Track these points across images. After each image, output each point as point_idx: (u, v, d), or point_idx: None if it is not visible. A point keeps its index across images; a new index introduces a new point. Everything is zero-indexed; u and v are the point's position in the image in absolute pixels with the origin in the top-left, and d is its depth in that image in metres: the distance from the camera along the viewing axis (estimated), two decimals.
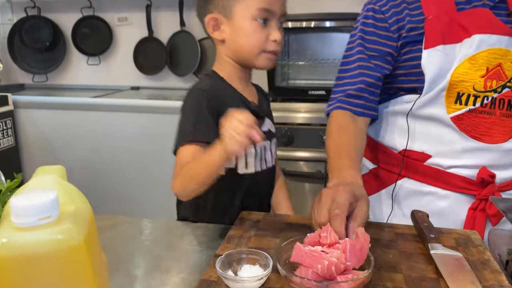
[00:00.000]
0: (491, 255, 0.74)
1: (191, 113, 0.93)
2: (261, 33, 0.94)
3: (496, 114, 0.96)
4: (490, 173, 0.97)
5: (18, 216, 0.40)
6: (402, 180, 1.04)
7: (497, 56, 0.93)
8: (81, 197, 0.48)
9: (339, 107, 1.01)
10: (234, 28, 0.96)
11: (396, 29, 1.00)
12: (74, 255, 0.41)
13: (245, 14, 0.94)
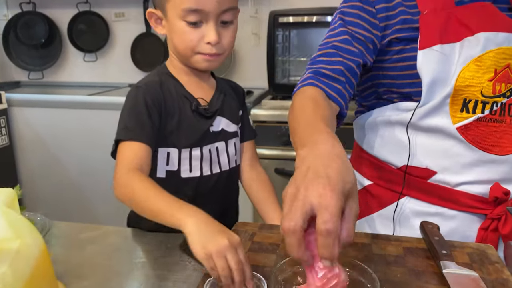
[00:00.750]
0: (510, 274, 0.67)
1: (125, 111, 0.89)
2: (192, 35, 0.87)
3: (507, 121, 0.86)
4: (504, 189, 0.87)
5: None
6: (403, 199, 0.93)
7: (506, 56, 0.83)
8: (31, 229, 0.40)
9: (311, 84, 0.84)
10: (169, 26, 0.90)
11: (383, 18, 0.89)
12: None
13: (175, 13, 0.87)
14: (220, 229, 0.66)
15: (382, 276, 0.66)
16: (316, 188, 0.50)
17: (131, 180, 0.79)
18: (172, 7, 0.87)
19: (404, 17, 0.88)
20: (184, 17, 0.86)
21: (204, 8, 0.84)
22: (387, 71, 0.92)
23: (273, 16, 2.24)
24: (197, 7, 0.84)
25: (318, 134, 0.63)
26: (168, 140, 0.91)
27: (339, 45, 0.88)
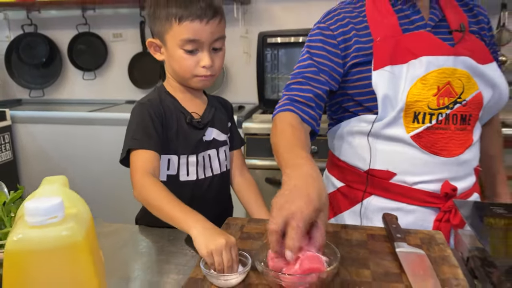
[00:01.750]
0: (451, 252, 0.82)
1: (133, 122, 1.03)
2: (190, 60, 1.02)
3: (451, 129, 1.02)
4: (453, 186, 1.02)
5: (31, 216, 0.48)
6: (369, 198, 1.08)
7: (445, 75, 1.00)
8: (82, 202, 0.56)
9: (288, 109, 1.02)
10: (168, 53, 1.04)
11: (343, 48, 1.05)
12: (77, 249, 0.49)
13: (173, 43, 1.01)
14: (220, 232, 0.81)
15: (347, 255, 0.81)
16: (299, 203, 0.68)
17: (147, 184, 0.94)
18: (171, 38, 1.01)
19: (358, 46, 1.04)
20: (183, 46, 1.00)
21: (200, 38, 1.00)
22: (350, 89, 1.07)
23: (262, 37, 2.41)
24: (194, 38, 0.99)
25: (299, 158, 0.80)
26: (168, 148, 1.06)
27: (308, 76, 1.05)
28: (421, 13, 1.05)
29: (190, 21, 0.98)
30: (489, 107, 1.08)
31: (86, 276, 0.50)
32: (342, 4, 1.12)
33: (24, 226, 0.49)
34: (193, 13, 0.98)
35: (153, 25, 1.06)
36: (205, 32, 1.00)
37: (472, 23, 1.10)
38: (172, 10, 0.99)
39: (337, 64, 1.06)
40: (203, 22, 0.99)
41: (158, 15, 1.02)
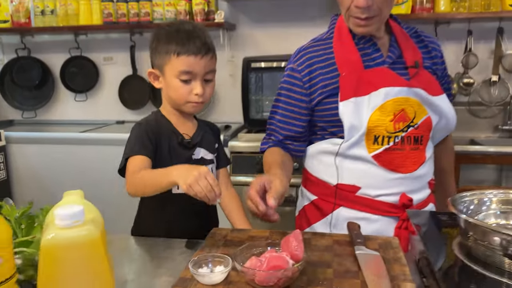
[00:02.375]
0: (403, 254, 0.95)
1: (131, 138, 1.19)
2: (184, 89, 1.18)
3: (406, 149, 1.18)
4: (409, 198, 1.18)
5: (60, 220, 0.62)
6: (339, 209, 1.23)
7: (400, 103, 1.16)
8: (95, 210, 0.69)
9: (273, 146, 1.29)
10: (166, 82, 1.21)
11: (308, 86, 1.22)
12: (94, 245, 0.63)
13: (171, 73, 1.18)
14: (193, 167, 0.98)
15: (314, 258, 0.94)
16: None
17: (137, 175, 1.09)
18: (170, 69, 1.18)
19: (324, 82, 1.21)
20: (179, 76, 1.17)
21: (194, 70, 1.16)
22: (319, 117, 1.24)
23: (247, 61, 2.58)
24: (189, 70, 1.16)
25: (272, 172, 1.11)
26: (162, 164, 1.18)
27: (283, 119, 1.28)
28: (380, 51, 1.22)
29: (187, 56, 1.15)
30: (438, 129, 1.24)
31: (101, 267, 0.65)
32: (312, 41, 1.28)
33: (54, 228, 0.62)
34: (190, 50, 1.15)
35: (154, 58, 1.22)
36: (198, 65, 1.16)
37: (426, 59, 1.26)
38: (172, 46, 1.16)
39: (304, 102, 1.24)
40: (198, 57, 1.16)
41: (159, 50, 1.19)
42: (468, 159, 2.34)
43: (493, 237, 0.73)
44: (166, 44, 1.17)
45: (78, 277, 0.63)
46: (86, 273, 0.63)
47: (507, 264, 0.74)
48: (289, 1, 2.83)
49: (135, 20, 2.83)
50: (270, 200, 0.97)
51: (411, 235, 1.15)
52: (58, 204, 0.68)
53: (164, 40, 1.18)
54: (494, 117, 2.78)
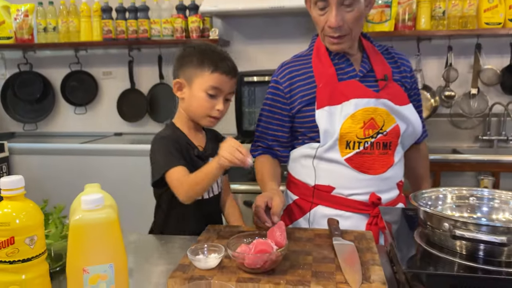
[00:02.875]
0: (374, 245, 1.09)
1: (161, 151, 1.26)
2: (209, 103, 1.27)
3: (375, 153, 1.32)
4: (378, 196, 1.32)
5: (85, 204, 0.76)
6: (316, 207, 1.36)
7: (369, 112, 1.30)
8: (111, 198, 0.83)
9: (262, 153, 1.45)
10: (191, 93, 1.29)
11: (289, 96, 1.37)
12: (112, 225, 0.77)
13: (200, 86, 1.27)
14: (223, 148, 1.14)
15: (296, 247, 1.07)
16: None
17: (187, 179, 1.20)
18: (200, 82, 1.27)
19: (302, 93, 1.35)
20: (207, 90, 1.26)
21: (222, 87, 1.27)
22: (299, 124, 1.38)
23: (240, 76, 2.71)
24: (218, 86, 1.26)
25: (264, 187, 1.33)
26: None
27: (269, 126, 1.43)
28: (353, 66, 1.36)
29: (220, 73, 1.26)
30: (406, 136, 1.38)
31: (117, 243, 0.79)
32: (294, 57, 1.43)
33: (80, 211, 0.77)
34: (223, 69, 1.26)
35: (182, 70, 1.30)
36: (226, 84, 1.28)
37: (395, 73, 1.41)
38: (207, 62, 1.26)
39: (286, 110, 1.39)
40: (228, 77, 1.28)
41: (192, 63, 1.28)
42: (449, 166, 2.49)
43: (443, 223, 0.87)
44: (200, 59, 1.27)
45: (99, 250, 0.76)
46: (105, 247, 0.77)
47: (458, 246, 0.88)
48: (280, 19, 3.00)
49: (134, 36, 2.97)
50: (274, 218, 1.14)
51: (381, 230, 1.28)
52: (81, 194, 0.82)
53: (198, 56, 1.27)
54: (474, 128, 2.94)
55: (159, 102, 3.19)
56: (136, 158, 2.77)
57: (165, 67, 3.16)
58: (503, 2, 2.63)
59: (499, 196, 1.02)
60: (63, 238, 1.06)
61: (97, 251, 0.76)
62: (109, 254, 0.77)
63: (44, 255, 0.79)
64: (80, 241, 0.75)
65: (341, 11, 1.25)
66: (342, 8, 1.25)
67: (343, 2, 1.24)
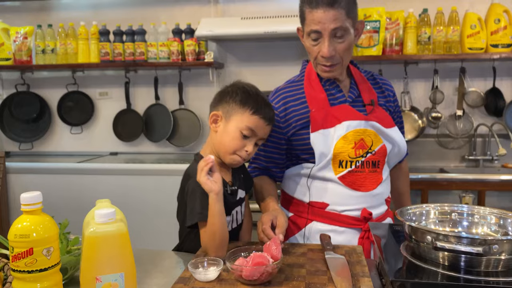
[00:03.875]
0: (364, 258, 1.15)
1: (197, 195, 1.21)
2: (240, 142, 1.26)
3: (366, 171, 1.40)
4: (369, 212, 1.40)
5: (99, 218, 0.81)
6: (311, 223, 1.43)
7: (359, 133, 1.39)
8: (121, 213, 0.89)
9: (259, 174, 1.51)
10: (226, 128, 1.28)
11: (284, 121, 1.44)
12: (123, 237, 0.83)
13: (237, 124, 1.26)
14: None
15: (290, 261, 1.13)
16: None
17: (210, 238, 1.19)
18: (238, 120, 1.26)
19: (297, 117, 1.43)
20: (243, 130, 1.26)
21: (257, 131, 1.28)
22: (294, 146, 1.45)
23: None
24: (254, 129, 1.27)
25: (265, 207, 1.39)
26: None
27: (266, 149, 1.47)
28: (342, 92, 1.46)
29: (259, 118, 1.27)
30: (392, 155, 1.48)
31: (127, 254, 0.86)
32: (287, 83, 1.52)
33: (94, 224, 0.83)
34: (264, 114, 1.28)
35: (223, 103, 1.30)
36: (262, 130, 1.30)
37: (380, 98, 1.50)
38: (251, 103, 1.27)
39: (282, 133, 1.45)
40: (265, 123, 1.29)
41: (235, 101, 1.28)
42: (436, 185, 2.57)
43: (426, 236, 0.94)
44: (245, 98, 1.27)
45: (111, 260, 0.83)
46: (116, 257, 0.83)
47: (440, 257, 0.95)
48: (272, 43, 3.12)
49: (131, 58, 3.06)
50: (280, 236, 1.18)
51: (373, 244, 1.35)
52: (94, 209, 0.89)
53: (243, 95, 1.28)
54: (460, 148, 3.04)
55: (154, 122, 3.26)
56: (132, 177, 2.82)
57: (161, 88, 3.24)
58: (485, 29, 2.77)
59: (477, 212, 1.10)
60: (68, 253, 1.12)
61: (109, 261, 0.82)
62: (120, 264, 0.83)
63: (59, 265, 0.85)
64: (94, 252, 0.81)
65: (333, 42, 1.34)
66: (334, 40, 1.34)
67: (335, 34, 1.33)
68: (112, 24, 3.11)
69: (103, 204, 0.91)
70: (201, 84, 3.23)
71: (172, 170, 2.72)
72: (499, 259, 0.90)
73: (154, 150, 3.32)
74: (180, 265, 1.24)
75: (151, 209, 2.76)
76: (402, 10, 2.83)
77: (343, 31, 1.33)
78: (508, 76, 2.98)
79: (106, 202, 0.94)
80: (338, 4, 1.30)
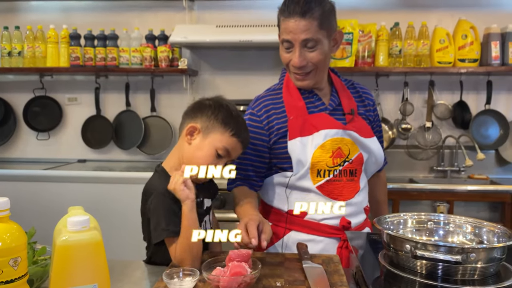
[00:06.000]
0: (341, 267, 1.15)
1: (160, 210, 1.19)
2: (213, 160, 1.24)
3: (343, 180, 1.40)
4: (348, 220, 1.39)
5: (72, 225, 0.77)
6: (290, 233, 1.42)
7: (336, 142, 1.39)
8: (95, 221, 0.85)
9: (239, 185, 1.45)
10: (202, 143, 1.25)
11: (268, 128, 1.43)
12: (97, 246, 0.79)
13: (215, 142, 1.24)
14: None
15: (268, 271, 1.11)
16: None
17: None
18: (216, 139, 1.24)
19: (278, 125, 1.42)
20: (219, 149, 1.24)
21: (232, 153, 1.27)
22: (273, 155, 1.44)
23: None
24: (230, 150, 1.26)
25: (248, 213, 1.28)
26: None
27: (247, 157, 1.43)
28: (321, 100, 1.45)
29: (238, 141, 1.27)
30: (369, 164, 1.48)
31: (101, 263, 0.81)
32: (267, 91, 1.51)
33: (66, 232, 0.78)
34: (241, 138, 1.27)
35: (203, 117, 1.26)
36: (236, 152, 1.29)
37: (360, 107, 1.51)
38: (231, 125, 1.25)
39: (265, 141, 1.43)
40: (241, 146, 1.29)
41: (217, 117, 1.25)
42: (406, 195, 2.62)
43: (405, 245, 0.94)
44: (227, 119, 1.25)
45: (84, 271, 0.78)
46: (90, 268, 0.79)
47: (418, 266, 0.95)
48: (247, 52, 3.12)
49: (102, 64, 2.99)
50: (264, 242, 1.13)
51: (351, 253, 1.35)
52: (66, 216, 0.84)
53: (226, 115, 1.26)
54: (429, 159, 3.11)
55: (125, 129, 3.19)
56: (100, 186, 2.73)
57: (132, 95, 3.18)
58: (453, 43, 2.86)
59: (453, 221, 1.12)
60: (35, 263, 1.06)
61: (82, 271, 0.78)
62: (93, 275, 0.79)
63: (26, 276, 0.80)
64: (66, 262, 0.77)
65: (304, 52, 1.34)
66: (305, 49, 1.34)
67: (306, 44, 1.33)
68: (83, 28, 3.03)
69: (76, 211, 0.87)
70: (174, 91, 3.19)
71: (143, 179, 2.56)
72: (475, 268, 0.91)
73: (124, 158, 3.24)
74: (153, 276, 1.20)
75: (121, 218, 2.68)
76: (374, 23, 2.89)
77: (314, 42, 1.33)
78: (474, 90, 3.08)
79: (79, 209, 0.90)
80: (311, 14, 1.30)
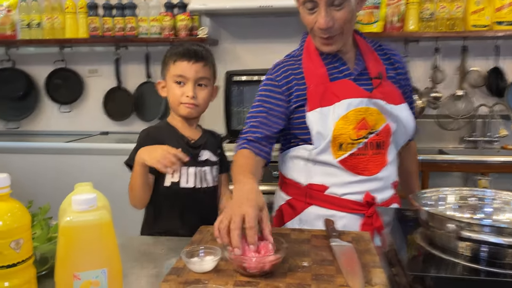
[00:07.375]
0: (373, 246, 1.08)
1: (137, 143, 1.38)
2: (178, 91, 1.37)
3: (369, 154, 1.30)
4: (372, 196, 1.30)
5: (78, 205, 0.72)
6: (309, 207, 1.34)
7: (361, 112, 1.28)
8: (105, 199, 0.79)
9: (244, 147, 1.31)
10: (167, 87, 1.41)
11: (287, 95, 1.33)
12: (106, 227, 0.74)
13: (170, 78, 1.39)
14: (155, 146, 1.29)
15: (294, 249, 1.05)
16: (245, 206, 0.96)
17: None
18: (169, 76, 1.39)
19: (298, 92, 1.32)
20: (174, 79, 1.36)
21: (186, 74, 1.36)
22: (292, 125, 1.35)
23: (229, 75, 2.70)
24: (181, 73, 1.36)
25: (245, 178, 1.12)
26: None
27: (260, 120, 1.33)
28: (347, 64, 1.34)
29: (181, 61, 1.36)
30: (398, 134, 1.36)
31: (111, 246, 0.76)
32: (287, 57, 1.41)
33: (71, 212, 0.73)
34: (184, 57, 1.36)
35: (162, 71, 1.43)
36: (190, 70, 1.36)
37: (389, 70, 1.39)
38: (171, 54, 1.39)
39: (282, 107, 1.33)
40: (190, 63, 1.35)
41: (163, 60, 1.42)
42: (436, 167, 2.50)
43: (448, 224, 0.86)
44: (168, 55, 1.41)
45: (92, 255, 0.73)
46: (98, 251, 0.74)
47: (461, 247, 0.87)
48: (268, 19, 2.99)
49: (121, 34, 2.92)
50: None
51: (376, 231, 1.27)
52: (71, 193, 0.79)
53: (166, 54, 1.42)
54: (460, 129, 2.96)
55: (146, 100, 3.15)
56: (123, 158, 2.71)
57: (152, 66, 3.11)
58: (489, 5, 2.66)
59: (499, 197, 1.02)
60: (49, 241, 1.02)
61: (89, 255, 0.72)
62: (102, 259, 0.74)
63: (31, 259, 0.75)
64: (70, 245, 0.72)
65: (330, 11, 1.23)
66: (332, 8, 1.23)
67: (333, 2, 1.22)
68: None
69: (83, 189, 0.81)
70: None
71: None
72: None
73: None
74: (172, 253, 1.15)
75: None
76: None
77: None
78: (511, 55, 2.89)
79: (87, 185, 0.83)
80: None
